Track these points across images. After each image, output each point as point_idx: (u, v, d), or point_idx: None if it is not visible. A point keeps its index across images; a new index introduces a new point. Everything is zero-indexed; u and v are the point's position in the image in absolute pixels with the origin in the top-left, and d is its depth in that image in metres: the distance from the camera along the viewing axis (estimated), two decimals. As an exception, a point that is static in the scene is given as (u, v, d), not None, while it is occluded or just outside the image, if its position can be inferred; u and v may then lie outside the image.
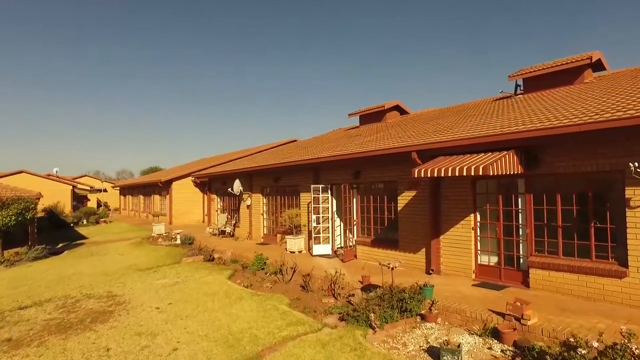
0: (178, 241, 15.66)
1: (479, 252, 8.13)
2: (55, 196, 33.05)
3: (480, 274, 8.02)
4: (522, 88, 12.77)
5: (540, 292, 6.83)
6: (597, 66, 11.25)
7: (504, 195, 7.72)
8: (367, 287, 7.59)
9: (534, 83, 11.80)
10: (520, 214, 7.49)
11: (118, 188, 41.98)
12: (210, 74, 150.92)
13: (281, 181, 14.04)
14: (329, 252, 11.67)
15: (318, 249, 11.64)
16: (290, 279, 9.13)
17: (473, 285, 7.59)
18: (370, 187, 10.64)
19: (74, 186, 37.52)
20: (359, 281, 8.04)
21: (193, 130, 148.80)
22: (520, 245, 7.48)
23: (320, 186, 11.84)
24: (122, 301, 7.75)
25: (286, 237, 12.62)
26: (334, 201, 12.02)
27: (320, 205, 11.88)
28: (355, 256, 10.84)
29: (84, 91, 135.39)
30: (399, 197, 9.61)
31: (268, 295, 7.88)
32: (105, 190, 47.85)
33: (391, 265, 6.43)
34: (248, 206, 16.01)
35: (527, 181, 7.33)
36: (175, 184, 24.84)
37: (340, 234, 12.87)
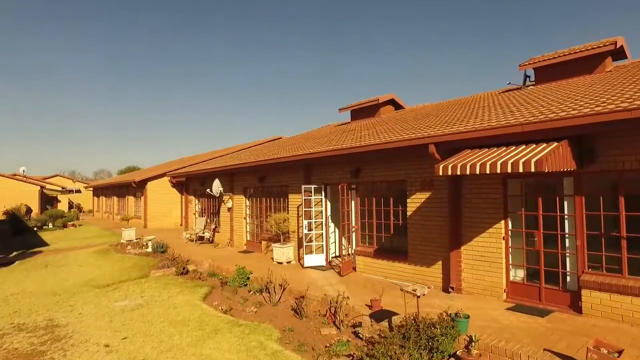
0: (149, 249, 13.82)
1: (511, 266, 6.67)
2: (21, 198, 30.52)
3: (513, 293, 6.56)
4: (531, 79, 11.50)
5: (599, 321, 5.39)
6: (617, 54, 9.99)
7: (544, 198, 6.28)
8: (379, 314, 6.04)
9: (548, 73, 10.45)
10: (566, 221, 6.05)
11: (91, 189, 39.45)
12: (196, 69, 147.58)
13: (267, 181, 12.38)
14: (323, 263, 10.09)
15: (310, 260, 10.04)
16: (279, 300, 7.50)
17: (507, 309, 6.12)
18: (372, 188, 9.10)
19: (42, 187, 34.90)
20: (367, 305, 6.47)
21: (174, 129, 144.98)
22: (567, 259, 6.05)
23: (313, 187, 10.25)
24: (63, 335, 5.99)
25: (273, 245, 10.98)
26: (329, 204, 10.44)
27: (313, 209, 10.28)
28: (354, 268, 9.28)
29: (60, 87, 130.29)
30: (408, 200, 8.10)
31: (252, 324, 6.23)
32: (79, 191, 45.16)
33: (418, 293, 4.86)
34: (229, 209, 14.29)
35: (577, 180, 5.90)
36: (150, 185, 22.85)
37: (335, 242, 11.31)
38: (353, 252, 9.46)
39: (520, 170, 4.94)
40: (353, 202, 9.53)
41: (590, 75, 9.57)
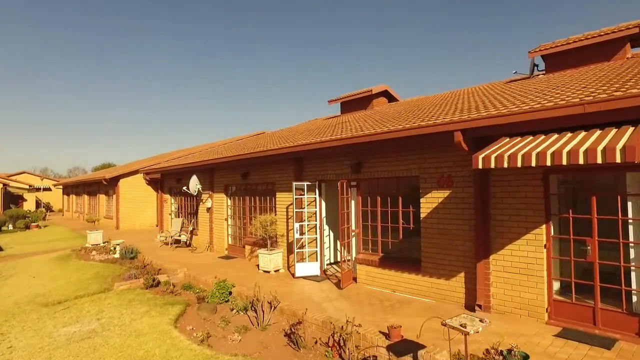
0: (117, 254, 12.20)
1: (554, 281, 5.47)
2: (-20, 196, 28.11)
3: (557, 314, 5.35)
4: (539, 68, 10.44)
5: (683, 355, 4.23)
6: (635, 40, 8.96)
7: (599, 198, 5.08)
8: (399, 346, 4.72)
9: (560, 60, 9.32)
10: (630, 227, 4.87)
11: (61, 187, 36.99)
12: (180, 66, 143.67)
13: (251, 177, 10.94)
14: (317, 272, 8.74)
15: (303, 269, 8.68)
16: (268, 322, 6.12)
17: (556, 335, 4.91)
18: (377, 185, 7.79)
19: (5, 185, 32.38)
20: (382, 333, 5.14)
21: (154, 125, 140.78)
22: (633, 274, 4.87)
23: (305, 184, 8.88)
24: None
25: (258, 251, 9.56)
26: (324, 204, 9.09)
27: (305, 210, 8.91)
28: (355, 279, 7.97)
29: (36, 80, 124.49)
30: (422, 199, 6.83)
31: (236, 360, 4.82)
32: (48, 189, 42.51)
33: (470, 329, 3.55)
34: (208, 209, 12.78)
35: (647, 175, 4.72)
36: (123, 182, 21.04)
37: (330, 247, 9.98)
38: (353, 260, 8.14)
39: (599, 160, 3.70)
40: (353, 201, 8.20)
41: (608, 63, 8.51)
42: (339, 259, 10.12)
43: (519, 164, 4.35)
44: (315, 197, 8.90)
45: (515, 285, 5.68)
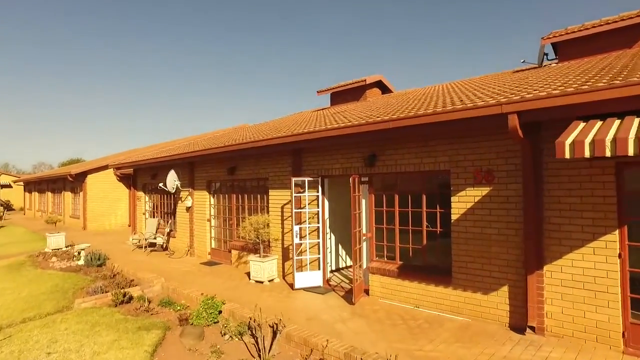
0: (81, 261, 10.61)
1: (630, 299, 4.46)
2: None
3: (636, 341, 4.34)
4: (548, 57, 9.58)
5: None
6: None
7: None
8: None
9: (574, 49, 8.43)
10: None
11: (22, 183, 34.27)
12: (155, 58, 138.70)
13: (239, 173, 9.60)
14: (320, 282, 7.53)
15: (303, 279, 7.45)
16: (271, 354, 4.86)
17: (645, 370, 3.89)
18: (394, 181, 6.65)
19: (-42, 181, 29.56)
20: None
21: (124, 119, 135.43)
22: None
23: (306, 179, 7.64)
24: None
25: (249, 257, 8.26)
26: (327, 203, 7.87)
27: (307, 210, 7.68)
28: (367, 292, 6.81)
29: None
30: (453, 198, 5.72)
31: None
32: (8, 186, 39.50)
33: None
34: (188, 208, 11.34)
35: None
36: (91, 178, 19.21)
37: (332, 252, 8.79)
38: (365, 269, 6.97)
39: None
40: (364, 200, 7.02)
41: (630, 50, 7.67)
42: (341, 266, 8.95)
43: (608, 153, 3.30)
44: (318, 195, 7.68)
45: (577, 303, 4.65)
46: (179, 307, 6.70)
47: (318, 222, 7.69)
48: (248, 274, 8.57)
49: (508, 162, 5.23)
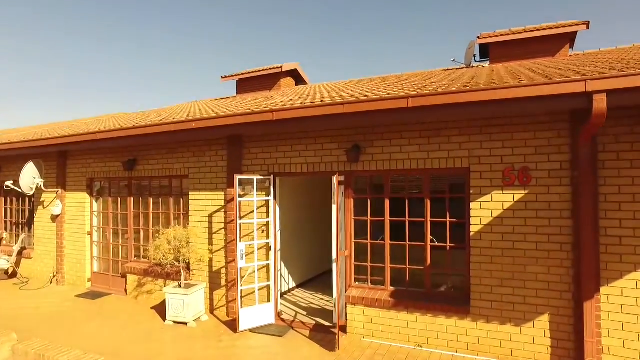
0: None
1: None
2: None
3: None
4: (477, 59, 9.46)
5: None
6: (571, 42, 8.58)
7: None
8: None
9: (504, 51, 8.26)
10: None
11: None
12: None
13: (141, 168, 6.94)
14: (271, 319, 5.55)
15: (250, 317, 5.37)
16: None
17: None
18: (384, 182, 5.10)
19: None
20: None
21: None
22: None
23: (255, 178, 5.59)
24: None
25: (165, 289, 5.77)
26: (278, 211, 5.91)
27: (256, 221, 5.61)
28: (344, 329, 5.10)
29: None
30: (473, 204, 4.44)
31: None
32: None
33: None
34: (56, 217, 8.02)
35: None
36: None
37: (278, 273, 6.83)
38: (341, 298, 5.24)
39: None
40: (335, 206, 5.30)
41: (554, 58, 7.75)
42: (283, 289, 7.05)
43: None
44: (268, 200, 5.69)
45: (646, 336, 3.75)
46: (54, 387, 4.01)
47: (268, 237, 5.69)
48: (157, 308, 6.09)
49: (551, 160, 4.15)
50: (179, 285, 5.74)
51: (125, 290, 7.07)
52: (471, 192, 4.46)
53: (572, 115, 4.03)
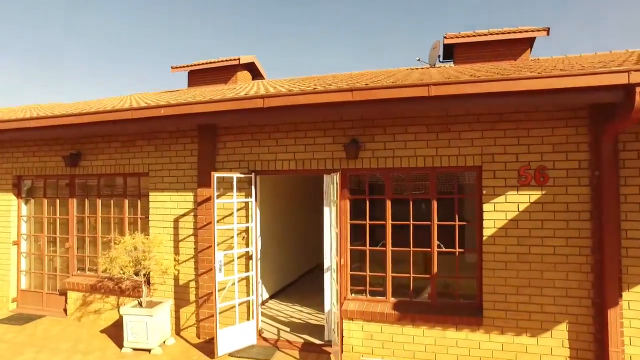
0: None
1: None
2: None
3: None
4: (441, 59, 9.50)
5: None
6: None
7: None
8: None
9: (469, 53, 8.29)
10: None
11: None
12: None
13: (87, 163, 5.83)
14: (253, 339, 4.83)
15: (230, 339, 4.60)
16: None
17: None
18: (386, 180, 4.61)
19: None
20: None
21: None
22: None
23: (235, 176, 4.84)
24: None
25: (123, 310, 4.80)
26: (258, 213, 5.19)
27: (235, 226, 4.85)
28: (341, 347, 4.52)
29: None
30: (485, 205, 4.10)
31: None
32: None
33: None
34: (-30, 224, 6.54)
35: None
36: None
37: (260, 285, 6.08)
38: (328, 312, 4.65)
39: None
40: (328, 209, 4.72)
41: (516, 62, 7.94)
42: (258, 301, 6.31)
43: None
44: (249, 202, 4.96)
45: (668, 343, 3.62)
46: None
47: (248, 245, 4.96)
48: (110, 331, 5.11)
49: (569, 158, 3.91)
50: (139, 304, 4.81)
51: (65, 310, 5.90)
52: (484, 192, 4.12)
53: (592, 111, 3.83)
